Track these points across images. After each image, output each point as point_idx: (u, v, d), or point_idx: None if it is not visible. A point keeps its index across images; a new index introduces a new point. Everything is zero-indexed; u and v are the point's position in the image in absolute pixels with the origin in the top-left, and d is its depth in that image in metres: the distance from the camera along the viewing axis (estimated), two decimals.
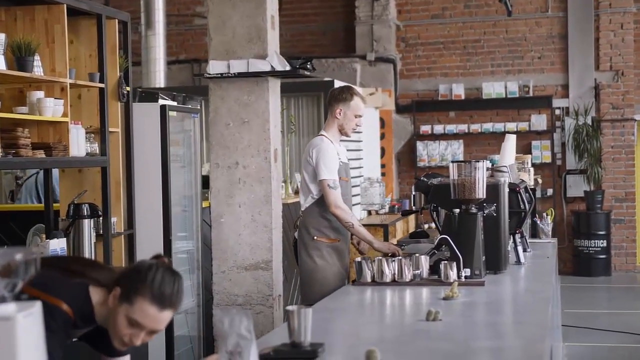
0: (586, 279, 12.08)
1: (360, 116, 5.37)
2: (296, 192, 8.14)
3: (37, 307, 1.82)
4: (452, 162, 4.52)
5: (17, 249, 1.79)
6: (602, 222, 12.31)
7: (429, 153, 12.91)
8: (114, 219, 5.76)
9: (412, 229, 11.23)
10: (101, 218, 5.60)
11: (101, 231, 5.64)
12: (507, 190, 4.74)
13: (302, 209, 5.36)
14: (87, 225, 5.44)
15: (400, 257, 4.39)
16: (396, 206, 10.88)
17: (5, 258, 1.77)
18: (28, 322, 1.77)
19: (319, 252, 5.25)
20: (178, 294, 2.66)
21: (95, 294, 2.70)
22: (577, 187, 12.60)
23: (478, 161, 4.48)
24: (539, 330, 3.16)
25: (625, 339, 8.32)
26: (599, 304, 10.68)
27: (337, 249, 5.31)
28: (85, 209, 5.43)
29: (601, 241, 12.28)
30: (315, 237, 5.26)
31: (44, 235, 5.45)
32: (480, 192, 4.44)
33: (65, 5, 5.21)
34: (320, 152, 5.19)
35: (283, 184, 8.08)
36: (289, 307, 2.76)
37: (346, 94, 5.36)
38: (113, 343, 2.71)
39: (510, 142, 5.59)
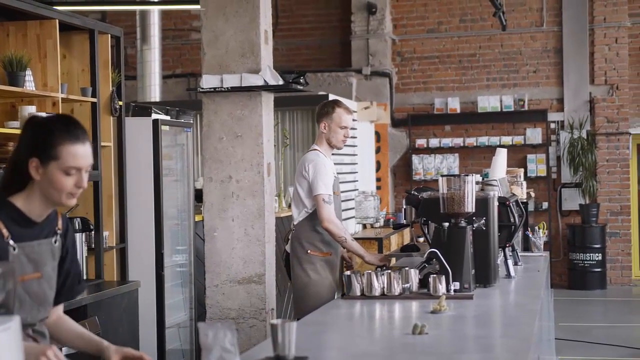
0: (581, 293, 12.08)
1: (345, 127, 5.42)
2: (289, 206, 8.15)
3: (15, 322, 1.83)
4: (442, 176, 4.54)
5: None
6: (598, 235, 12.33)
7: (424, 167, 12.93)
8: (105, 233, 5.78)
9: (407, 243, 11.25)
10: (93, 232, 5.61)
11: (93, 245, 5.65)
12: (496, 204, 4.76)
13: (295, 222, 5.42)
14: (79, 239, 5.45)
15: (389, 271, 4.39)
16: (391, 220, 10.90)
17: None
18: (6, 336, 1.79)
19: (312, 265, 5.29)
20: (82, 126, 2.78)
21: (17, 199, 2.73)
22: (572, 200, 12.62)
23: (467, 175, 4.49)
24: (524, 343, 3.17)
25: (621, 352, 8.32)
26: (594, 317, 10.67)
27: (330, 263, 5.35)
28: (77, 223, 5.44)
29: (596, 254, 12.29)
30: (308, 251, 5.32)
31: None
32: (470, 206, 4.45)
33: (57, 21, 5.24)
34: (317, 167, 5.26)
35: (277, 198, 8.10)
36: (273, 321, 2.77)
37: (328, 107, 5.45)
38: (62, 203, 2.73)
39: (501, 156, 5.61)
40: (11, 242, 2.68)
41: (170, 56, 13.56)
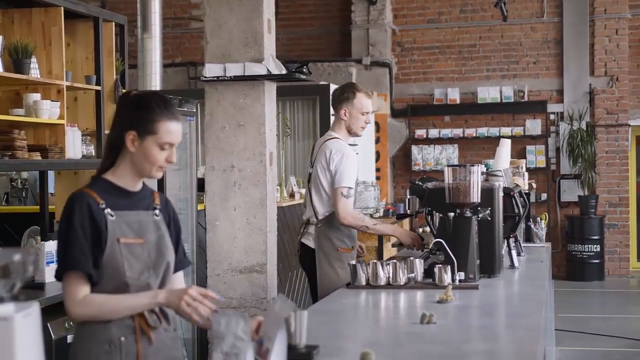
0: (580, 284, 12.11)
1: (366, 113, 5.21)
2: (291, 195, 8.16)
3: (34, 308, 1.83)
4: (447, 166, 4.52)
5: (15, 250, 1.81)
6: (596, 227, 12.35)
7: (423, 157, 12.94)
8: None
9: None
10: None
11: None
12: (501, 194, 4.76)
13: (319, 216, 5.16)
14: None
15: (394, 261, 4.39)
16: (391, 210, 10.90)
17: (3, 259, 1.79)
18: (26, 322, 1.79)
19: (341, 263, 5.10)
20: (175, 105, 2.85)
21: (107, 174, 2.89)
22: (571, 191, 12.64)
23: (473, 165, 4.49)
24: (532, 333, 3.18)
25: (619, 343, 8.35)
26: (592, 309, 10.71)
27: (352, 257, 5.24)
28: None
29: (595, 246, 12.32)
30: (339, 249, 5.12)
31: (39, 238, 5.45)
32: (475, 196, 4.45)
33: (62, 8, 5.22)
34: (343, 159, 5.06)
35: (278, 188, 8.09)
36: None
37: (348, 92, 5.22)
38: (151, 176, 2.89)
39: (505, 146, 5.61)
40: (108, 209, 2.82)
41: (169, 45, 13.53)
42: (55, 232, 5.41)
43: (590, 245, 12.29)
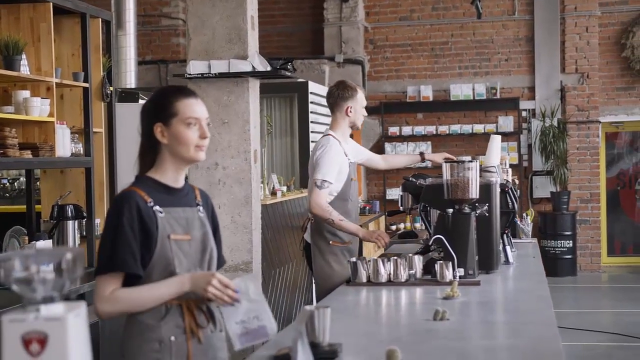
0: (552, 279, 12.12)
1: (364, 106, 5.38)
2: (273, 193, 8.13)
3: (83, 308, 1.79)
4: (446, 162, 4.52)
5: (67, 248, 1.76)
6: (568, 222, 12.46)
7: (397, 154, 12.94)
8: (97, 220, 5.69)
9: (383, 229, 11.26)
10: (85, 219, 5.53)
11: (84, 232, 5.57)
12: (498, 190, 4.77)
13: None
14: (72, 226, 5.36)
15: (395, 258, 4.37)
16: (367, 207, 10.91)
17: (55, 258, 1.74)
18: (77, 321, 1.75)
19: (335, 257, 5.16)
20: (186, 87, 2.99)
21: (150, 173, 2.88)
22: (543, 188, 12.74)
23: (471, 161, 4.49)
24: (550, 328, 3.18)
25: (600, 338, 8.42)
26: (566, 304, 10.78)
27: (350, 251, 5.24)
28: (70, 210, 5.35)
29: (567, 241, 12.42)
30: (330, 242, 5.18)
31: (25, 238, 5.35)
32: (474, 192, 4.45)
33: (51, 4, 5.13)
34: (325, 152, 5.13)
35: (261, 185, 8.05)
36: (308, 307, 2.73)
37: (350, 90, 5.31)
38: (193, 158, 2.85)
39: (496, 142, 5.61)
40: (156, 207, 2.81)
41: (139, 42, 13.36)
42: (43, 231, 5.32)
43: (562, 241, 12.40)
